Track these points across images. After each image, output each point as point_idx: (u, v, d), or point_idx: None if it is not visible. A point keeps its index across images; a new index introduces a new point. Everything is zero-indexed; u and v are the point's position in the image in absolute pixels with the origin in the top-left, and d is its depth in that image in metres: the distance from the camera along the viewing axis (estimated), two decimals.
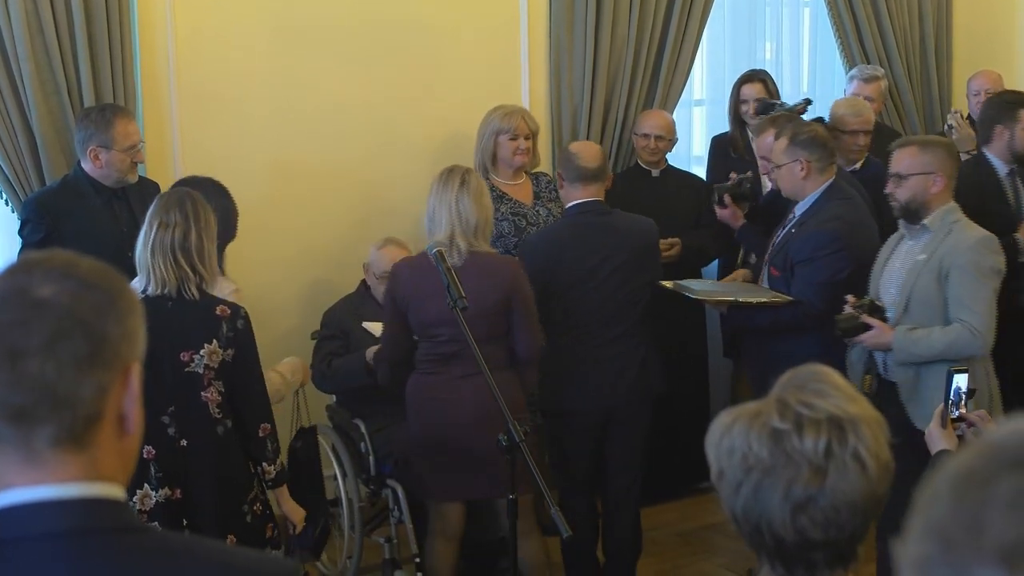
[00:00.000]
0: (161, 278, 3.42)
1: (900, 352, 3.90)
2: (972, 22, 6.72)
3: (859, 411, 1.61)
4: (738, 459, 1.58)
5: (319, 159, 5.15)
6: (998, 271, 3.89)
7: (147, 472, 3.41)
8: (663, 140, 5.39)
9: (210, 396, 3.46)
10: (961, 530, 0.87)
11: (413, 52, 5.32)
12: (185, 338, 3.42)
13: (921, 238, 3.96)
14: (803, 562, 1.61)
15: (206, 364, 3.44)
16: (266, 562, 1.43)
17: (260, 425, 3.54)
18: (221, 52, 4.98)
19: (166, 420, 3.44)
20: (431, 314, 3.90)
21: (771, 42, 6.41)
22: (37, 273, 1.30)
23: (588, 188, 4.39)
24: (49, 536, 1.29)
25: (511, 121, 4.98)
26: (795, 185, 4.32)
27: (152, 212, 3.49)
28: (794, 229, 4.31)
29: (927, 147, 3.99)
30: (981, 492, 0.88)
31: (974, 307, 3.81)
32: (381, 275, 4.54)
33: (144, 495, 3.41)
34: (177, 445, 3.45)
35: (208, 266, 3.47)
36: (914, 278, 3.91)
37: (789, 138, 4.31)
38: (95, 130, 4.23)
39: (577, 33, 5.53)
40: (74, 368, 1.28)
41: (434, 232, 3.94)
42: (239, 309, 3.51)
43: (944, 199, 3.94)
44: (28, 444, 1.29)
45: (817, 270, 4.18)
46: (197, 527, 3.45)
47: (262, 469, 3.58)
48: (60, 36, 4.52)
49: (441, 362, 3.98)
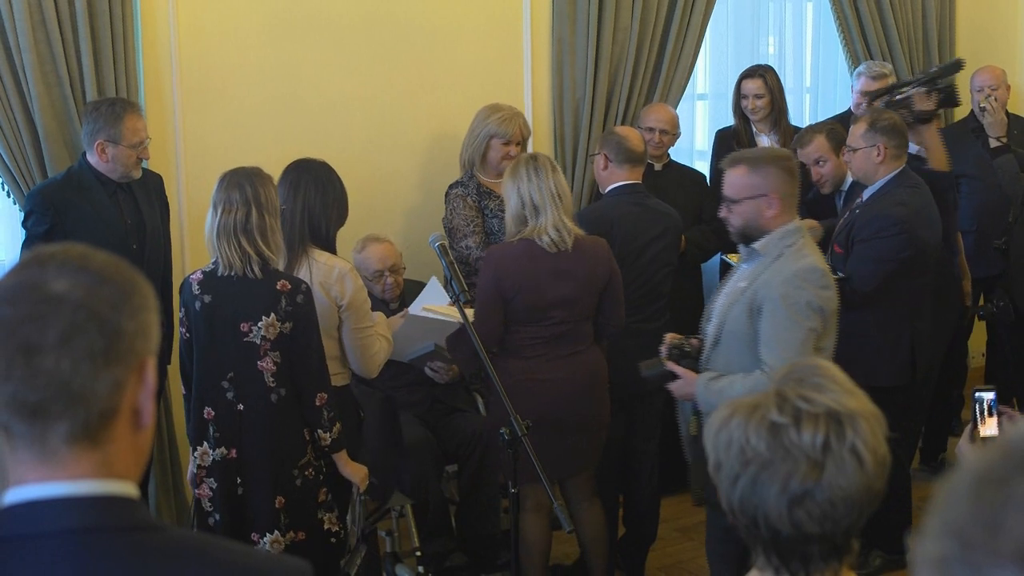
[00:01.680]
0: (227, 260, 3.56)
1: (705, 404, 3.54)
2: (975, 18, 6.71)
3: (857, 406, 1.62)
4: (736, 452, 1.58)
5: (320, 153, 5.11)
6: (817, 308, 3.41)
7: (207, 431, 3.65)
8: (667, 134, 5.37)
9: (266, 365, 3.60)
10: (979, 530, 0.87)
11: (415, 47, 5.32)
12: (245, 310, 3.57)
13: (753, 263, 3.58)
14: (799, 555, 1.61)
15: (263, 335, 3.58)
16: (279, 563, 1.41)
17: (317, 394, 3.66)
18: (223, 45, 4.98)
19: (225, 385, 3.62)
20: (547, 297, 4.01)
21: (774, 37, 6.40)
22: (51, 267, 1.29)
23: (634, 171, 4.59)
24: (61, 534, 1.28)
25: (508, 127, 4.92)
26: (868, 169, 4.49)
27: (215, 194, 3.61)
28: (859, 211, 4.50)
29: (757, 166, 3.54)
30: (999, 492, 0.87)
31: (779, 349, 3.38)
32: (372, 275, 4.55)
33: (203, 452, 3.66)
34: (234, 409, 3.63)
35: (272, 244, 3.59)
36: (727, 308, 3.56)
37: (869, 123, 4.49)
38: (104, 124, 4.24)
39: (580, 28, 5.52)
40: (90, 363, 1.26)
41: (530, 221, 4.03)
42: (300, 284, 3.62)
43: (782, 220, 3.52)
44: (43, 441, 1.28)
45: (874, 248, 4.36)
46: (248, 486, 3.65)
47: (318, 436, 3.69)
48: (62, 28, 4.52)
49: (546, 343, 4.05)
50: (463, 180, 4.97)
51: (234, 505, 3.65)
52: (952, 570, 0.88)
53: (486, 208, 4.90)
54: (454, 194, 4.93)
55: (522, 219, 4.06)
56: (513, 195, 4.06)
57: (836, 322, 3.53)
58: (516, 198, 4.06)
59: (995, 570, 0.85)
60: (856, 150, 4.50)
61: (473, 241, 4.83)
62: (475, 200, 4.90)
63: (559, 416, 4.01)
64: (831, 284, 3.50)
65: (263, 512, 3.63)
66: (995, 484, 0.88)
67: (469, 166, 4.97)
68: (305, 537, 3.69)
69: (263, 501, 3.63)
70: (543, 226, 4.01)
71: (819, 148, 4.99)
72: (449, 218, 4.91)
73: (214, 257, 3.62)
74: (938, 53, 6.49)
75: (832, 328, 3.51)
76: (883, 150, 4.43)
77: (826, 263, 3.63)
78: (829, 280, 3.50)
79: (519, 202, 4.05)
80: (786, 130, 5.64)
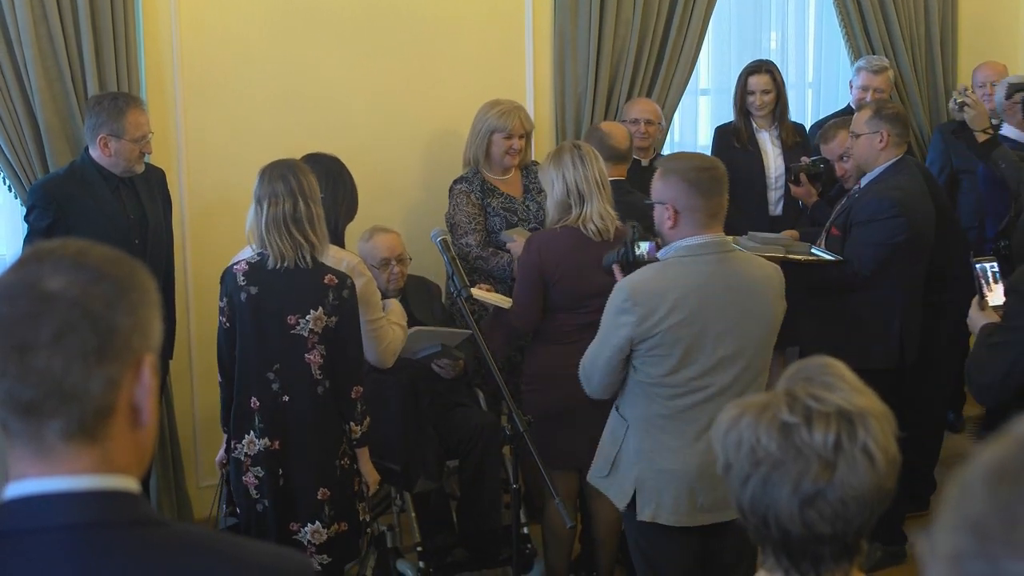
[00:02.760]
0: (279, 252, 3.59)
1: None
2: (978, 13, 6.70)
3: (867, 404, 1.61)
4: (746, 452, 1.58)
5: (322, 147, 5.12)
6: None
7: (252, 421, 3.68)
8: (652, 124, 5.34)
9: (313, 358, 3.65)
10: (995, 524, 0.86)
11: (417, 41, 5.31)
12: (293, 303, 3.62)
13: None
14: (809, 555, 1.60)
15: (311, 329, 3.63)
16: (281, 558, 1.40)
17: (353, 387, 3.72)
18: (225, 40, 4.97)
19: (271, 376, 3.66)
20: (589, 286, 3.97)
21: (776, 32, 6.39)
22: (48, 264, 1.29)
23: (617, 167, 4.59)
24: (62, 528, 1.28)
25: (508, 120, 4.90)
26: (870, 154, 4.54)
27: (257, 189, 3.63)
28: (857, 195, 4.57)
29: (664, 174, 3.36)
30: (1016, 486, 0.87)
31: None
32: (380, 263, 4.56)
33: (250, 441, 3.69)
34: (280, 400, 3.67)
35: (319, 232, 3.62)
36: None
37: (874, 111, 4.57)
38: (107, 118, 4.23)
39: (581, 22, 5.51)
40: (82, 361, 1.26)
41: (575, 209, 4.02)
42: (346, 279, 3.66)
43: (683, 233, 3.30)
44: (39, 438, 1.28)
45: (873, 231, 4.40)
46: (291, 477, 3.69)
47: (349, 428, 3.75)
48: (64, 23, 4.51)
49: (581, 331, 3.98)
50: (467, 176, 4.95)
51: (277, 495, 3.69)
52: (968, 565, 0.87)
53: (488, 206, 4.89)
54: (458, 190, 4.92)
55: (566, 207, 4.05)
56: (558, 181, 4.05)
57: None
58: (561, 184, 4.04)
59: (1013, 563, 0.85)
60: (859, 136, 4.56)
61: (474, 239, 4.82)
62: (478, 197, 4.89)
63: (591, 403, 3.99)
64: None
65: (305, 503, 3.68)
66: (1010, 478, 0.88)
67: (474, 163, 4.96)
68: (347, 528, 3.75)
69: (306, 492, 3.68)
70: (588, 214, 4.01)
71: (843, 144, 4.93)
72: (452, 214, 4.90)
73: (259, 250, 3.65)
74: (940, 48, 6.48)
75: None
76: (886, 136, 4.50)
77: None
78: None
79: (564, 189, 4.04)
80: (787, 126, 5.63)
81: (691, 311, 3.24)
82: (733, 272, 3.33)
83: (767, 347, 3.39)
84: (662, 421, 3.34)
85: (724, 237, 3.36)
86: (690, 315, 3.24)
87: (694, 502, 3.34)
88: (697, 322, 3.25)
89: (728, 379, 3.30)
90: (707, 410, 3.26)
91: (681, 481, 3.32)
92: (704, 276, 3.29)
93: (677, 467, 3.32)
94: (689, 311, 3.24)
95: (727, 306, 3.28)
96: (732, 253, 3.37)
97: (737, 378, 3.31)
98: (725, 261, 3.33)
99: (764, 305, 3.36)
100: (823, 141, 5.11)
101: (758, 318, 3.34)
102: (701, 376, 3.28)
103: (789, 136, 5.59)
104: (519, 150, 4.94)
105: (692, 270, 3.29)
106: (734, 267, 3.34)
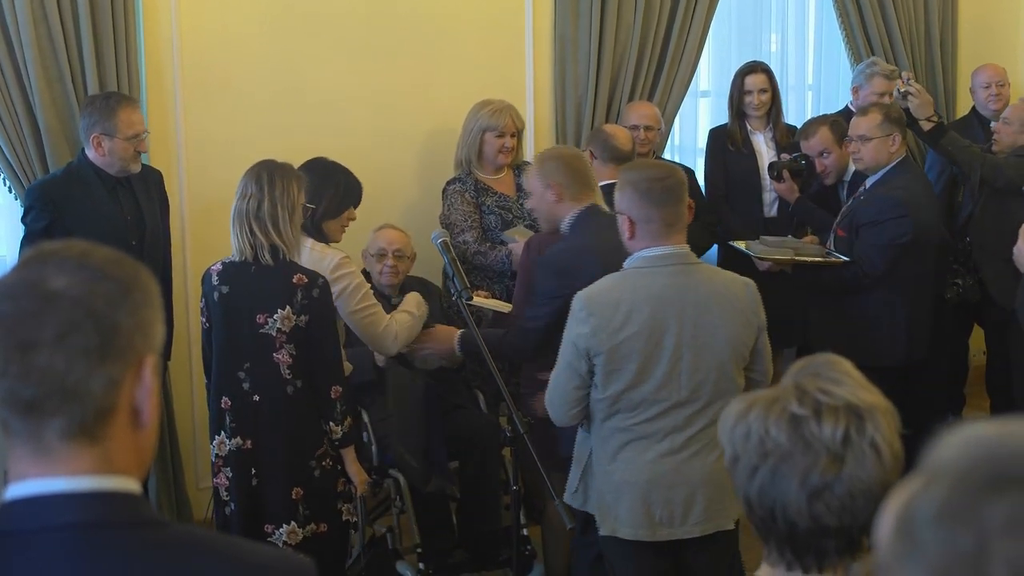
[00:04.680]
0: (238, 245, 3.62)
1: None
2: (977, 16, 6.71)
3: (874, 400, 1.62)
4: (755, 444, 1.58)
5: (322, 148, 5.11)
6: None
7: (223, 421, 3.70)
8: (651, 130, 5.33)
9: (281, 358, 3.64)
10: (963, 569, 0.84)
11: (417, 42, 5.31)
12: (261, 302, 3.62)
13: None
14: (814, 549, 1.61)
15: (278, 328, 3.61)
16: (282, 559, 1.40)
17: (332, 387, 3.71)
18: (224, 40, 4.96)
19: (242, 375, 3.66)
20: None
21: (776, 34, 6.39)
22: (51, 264, 1.29)
23: (620, 169, 4.52)
24: (62, 529, 1.27)
25: (499, 119, 4.92)
26: (882, 157, 4.61)
27: (238, 184, 3.67)
28: (863, 196, 4.63)
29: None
30: (970, 525, 0.84)
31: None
32: (376, 252, 4.59)
33: (220, 441, 3.71)
34: (250, 399, 3.67)
35: (283, 234, 3.61)
36: None
37: (884, 115, 4.64)
38: (99, 117, 4.22)
39: (582, 24, 5.51)
40: (84, 360, 1.26)
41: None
42: (317, 278, 3.65)
43: (640, 244, 3.31)
44: (39, 437, 1.28)
45: (880, 232, 4.47)
46: (264, 476, 3.68)
47: (329, 428, 3.72)
48: (64, 23, 4.50)
49: None
50: (460, 176, 4.97)
51: (249, 495, 3.67)
52: None
53: (483, 204, 4.90)
54: (452, 190, 4.93)
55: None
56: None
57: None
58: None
59: None
60: (871, 139, 4.60)
61: (471, 236, 4.83)
62: (473, 196, 4.90)
63: None
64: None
65: (278, 503, 3.66)
66: (961, 519, 0.85)
67: (466, 164, 4.96)
68: (327, 529, 3.72)
69: (278, 492, 3.66)
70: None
71: (823, 140, 5.07)
72: (446, 214, 4.91)
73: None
74: (940, 50, 6.49)
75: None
76: (899, 140, 4.60)
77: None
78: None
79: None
80: (782, 128, 5.61)
81: (644, 323, 3.20)
82: (693, 285, 3.27)
83: (730, 361, 3.28)
84: (620, 435, 3.30)
85: (685, 249, 3.30)
86: (643, 327, 3.20)
87: (650, 515, 3.29)
88: (654, 334, 3.21)
89: (685, 393, 3.24)
90: (660, 424, 3.26)
91: (634, 492, 3.28)
92: (660, 287, 3.24)
93: (630, 478, 3.29)
94: (642, 323, 3.20)
95: (684, 319, 3.23)
96: (695, 265, 3.33)
97: (695, 392, 3.25)
98: (685, 273, 3.28)
99: (725, 319, 3.27)
100: (803, 137, 5.17)
101: (717, 332, 3.25)
102: (657, 390, 3.24)
103: (784, 138, 5.59)
104: (511, 148, 4.95)
105: (648, 281, 3.25)
106: (694, 279, 3.29)
